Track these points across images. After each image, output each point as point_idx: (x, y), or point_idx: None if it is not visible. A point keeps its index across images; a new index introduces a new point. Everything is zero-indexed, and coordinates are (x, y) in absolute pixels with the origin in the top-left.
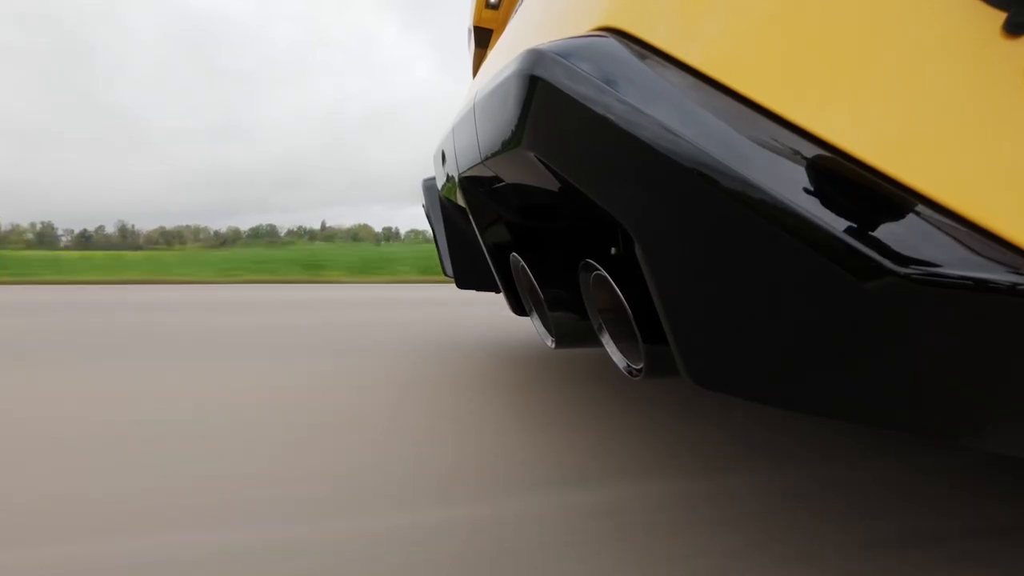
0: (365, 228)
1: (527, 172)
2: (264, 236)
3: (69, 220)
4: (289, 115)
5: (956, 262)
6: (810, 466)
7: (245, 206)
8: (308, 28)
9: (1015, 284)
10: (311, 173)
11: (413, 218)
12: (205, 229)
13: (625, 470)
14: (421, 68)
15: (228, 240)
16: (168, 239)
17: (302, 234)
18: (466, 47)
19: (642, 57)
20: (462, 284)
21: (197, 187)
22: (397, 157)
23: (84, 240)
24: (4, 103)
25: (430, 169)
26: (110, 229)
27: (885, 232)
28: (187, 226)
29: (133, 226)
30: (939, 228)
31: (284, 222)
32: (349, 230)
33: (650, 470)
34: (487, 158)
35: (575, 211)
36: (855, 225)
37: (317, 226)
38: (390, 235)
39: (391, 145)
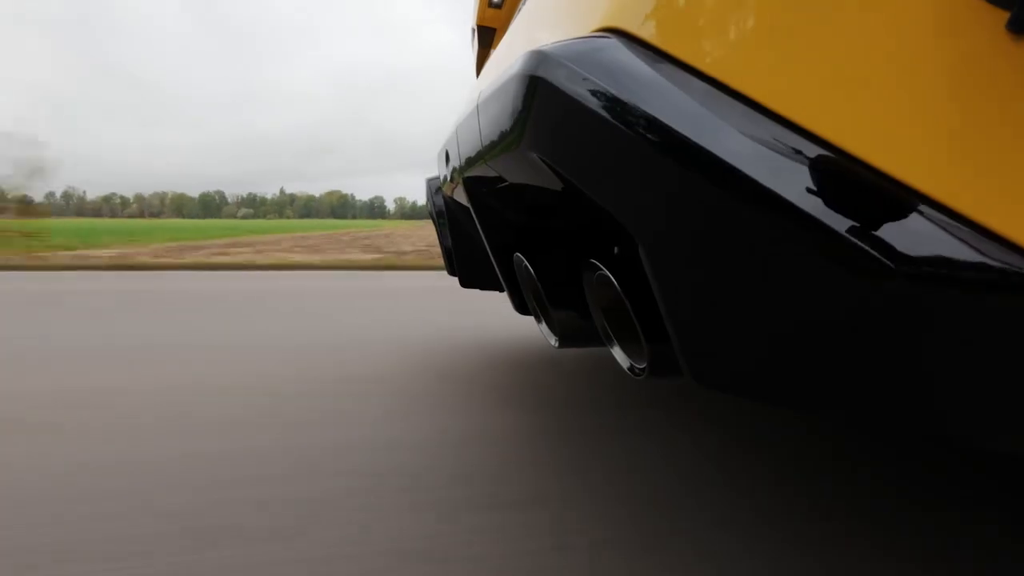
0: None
1: (530, 172)
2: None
3: (98, 187)
4: (317, 81)
5: (957, 262)
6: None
7: (272, 175)
8: None
9: (1016, 284)
10: (338, 141)
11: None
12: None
13: None
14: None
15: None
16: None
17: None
18: (469, 46)
19: (645, 58)
20: (466, 283)
21: (224, 155)
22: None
23: (111, 207)
24: (41, 74)
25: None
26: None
27: (887, 232)
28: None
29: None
30: (941, 228)
31: (313, 190)
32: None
33: None
34: (490, 158)
35: (578, 211)
36: (857, 225)
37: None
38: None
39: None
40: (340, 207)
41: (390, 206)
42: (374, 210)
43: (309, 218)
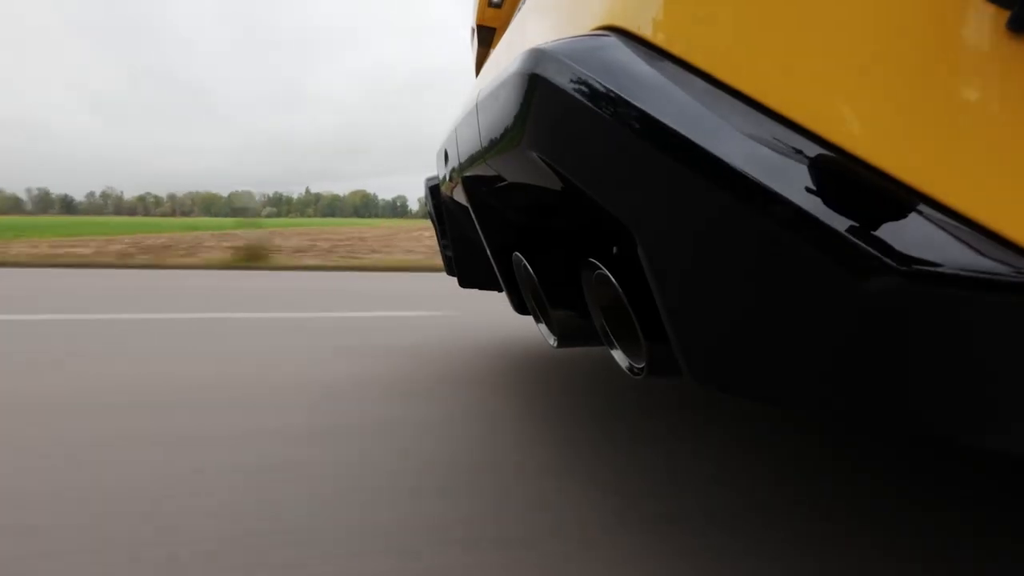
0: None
1: (529, 171)
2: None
3: (136, 187)
4: (349, 83)
5: (957, 261)
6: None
7: (300, 175)
8: None
9: (1016, 283)
10: (366, 141)
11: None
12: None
13: None
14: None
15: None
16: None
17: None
18: (469, 46)
19: (645, 56)
20: (465, 283)
21: (255, 155)
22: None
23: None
24: (88, 77)
25: None
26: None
27: (886, 231)
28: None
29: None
30: (941, 227)
31: (339, 189)
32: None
33: None
34: (490, 157)
35: (577, 210)
36: (856, 224)
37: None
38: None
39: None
40: (363, 206)
41: (413, 206)
42: (396, 209)
43: (333, 216)
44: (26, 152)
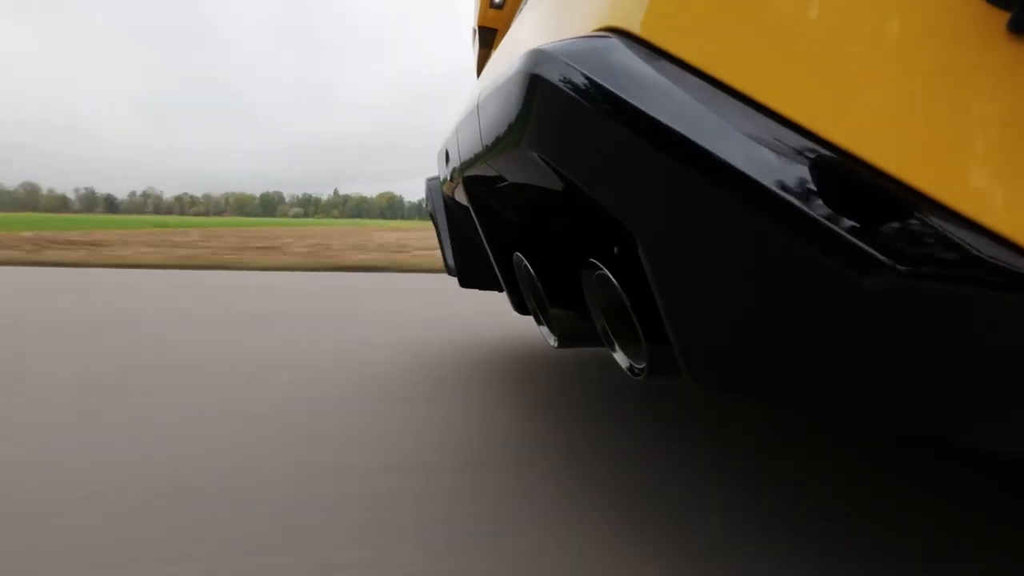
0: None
1: (530, 172)
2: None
3: (175, 187)
4: (382, 86)
5: (957, 261)
6: None
7: (331, 176)
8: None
9: (1015, 283)
10: (397, 144)
11: None
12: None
13: None
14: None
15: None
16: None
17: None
18: (470, 47)
19: (645, 57)
20: (465, 283)
21: (288, 157)
22: None
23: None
24: (136, 82)
25: None
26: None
27: (886, 231)
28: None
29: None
30: (941, 227)
31: (368, 191)
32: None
33: None
34: (490, 157)
35: (578, 211)
36: (856, 224)
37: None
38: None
39: None
40: (389, 208)
41: None
42: (422, 211)
43: (359, 217)
44: (76, 154)
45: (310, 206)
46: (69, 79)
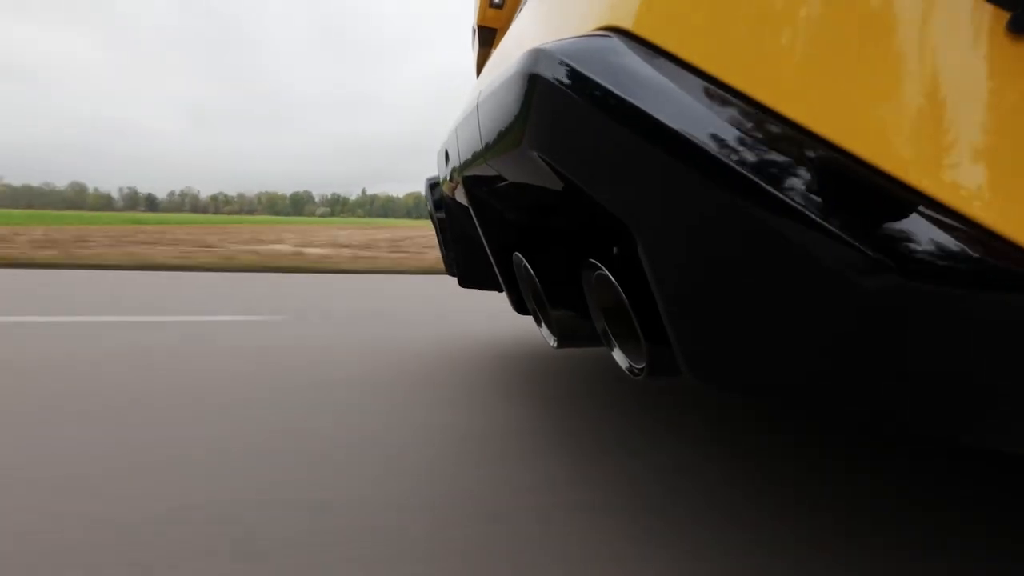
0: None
1: (530, 171)
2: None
3: (211, 187)
4: (415, 88)
5: (957, 260)
6: None
7: (361, 176)
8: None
9: (1015, 282)
10: (427, 144)
11: None
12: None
13: None
14: None
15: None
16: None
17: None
18: (470, 46)
19: (646, 56)
20: (465, 283)
21: (320, 157)
22: None
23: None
24: (177, 83)
25: None
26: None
27: (886, 230)
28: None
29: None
30: (940, 227)
31: (397, 191)
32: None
33: None
34: (490, 157)
35: (578, 210)
36: (856, 223)
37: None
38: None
39: None
40: (415, 207)
41: None
42: None
43: (386, 217)
44: (121, 154)
45: (337, 205)
46: (116, 82)
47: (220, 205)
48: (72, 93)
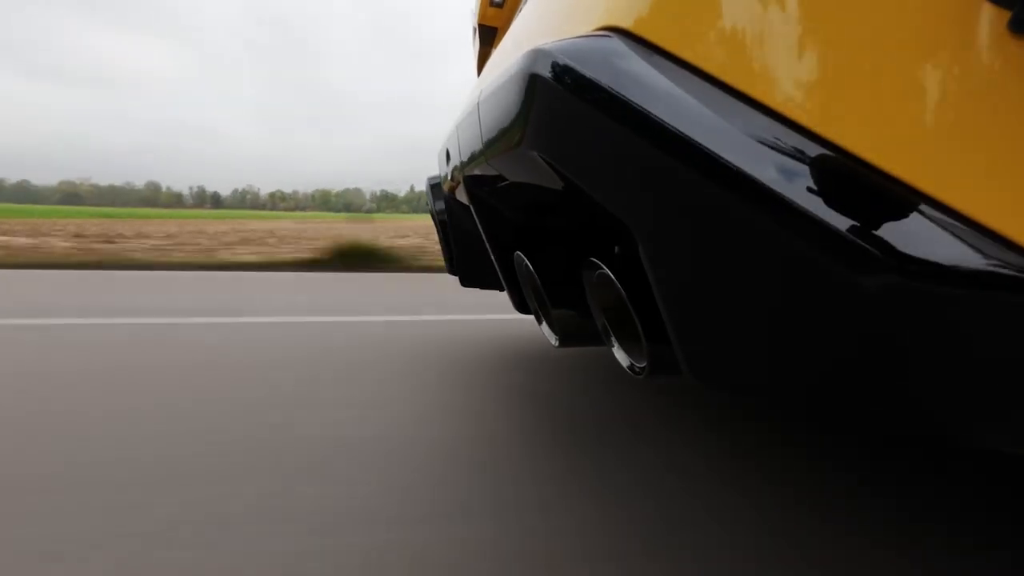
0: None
1: (531, 171)
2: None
3: (272, 184)
4: (466, 87)
5: (957, 260)
6: None
7: (412, 174)
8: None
9: (1015, 282)
10: None
11: None
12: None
13: None
14: None
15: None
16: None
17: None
18: (470, 45)
19: (646, 56)
20: (466, 282)
21: (375, 156)
22: None
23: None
24: (246, 88)
25: None
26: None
27: (887, 231)
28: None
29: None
30: (941, 227)
31: None
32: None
33: None
34: (491, 157)
35: (579, 210)
36: (856, 223)
37: None
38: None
39: None
40: None
41: None
42: None
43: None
44: (191, 154)
45: (385, 201)
46: (190, 88)
47: (276, 202)
48: (150, 99)
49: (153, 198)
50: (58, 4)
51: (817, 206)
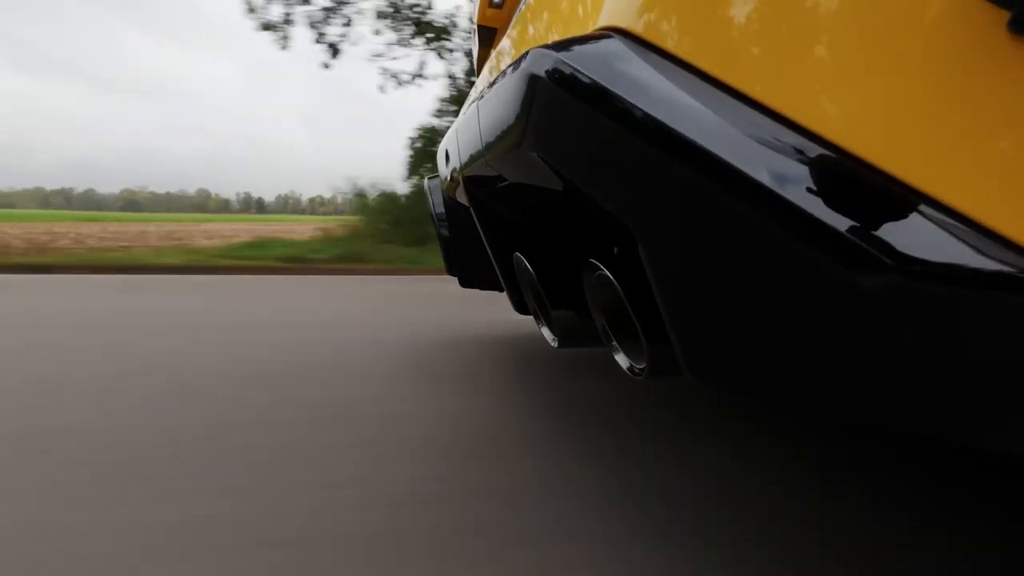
0: None
1: (530, 172)
2: None
3: (314, 189)
4: None
5: (957, 260)
6: None
7: None
8: None
9: (1015, 283)
10: None
11: None
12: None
13: None
14: None
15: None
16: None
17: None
18: (470, 46)
19: (646, 57)
20: (466, 283)
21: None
22: None
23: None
24: (291, 96)
25: None
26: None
27: (887, 231)
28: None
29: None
30: (941, 227)
31: None
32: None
33: None
34: (490, 157)
35: (578, 211)
36: (856, 223)
37: None
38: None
39: None
40: None
41: None
42: None
43: None
44: (238, 161)
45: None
46: (238, 97)
47: (316, 207)
48: (202, 108)
49: (203, 204)
50: (112, 20)
51: (817, 206)
